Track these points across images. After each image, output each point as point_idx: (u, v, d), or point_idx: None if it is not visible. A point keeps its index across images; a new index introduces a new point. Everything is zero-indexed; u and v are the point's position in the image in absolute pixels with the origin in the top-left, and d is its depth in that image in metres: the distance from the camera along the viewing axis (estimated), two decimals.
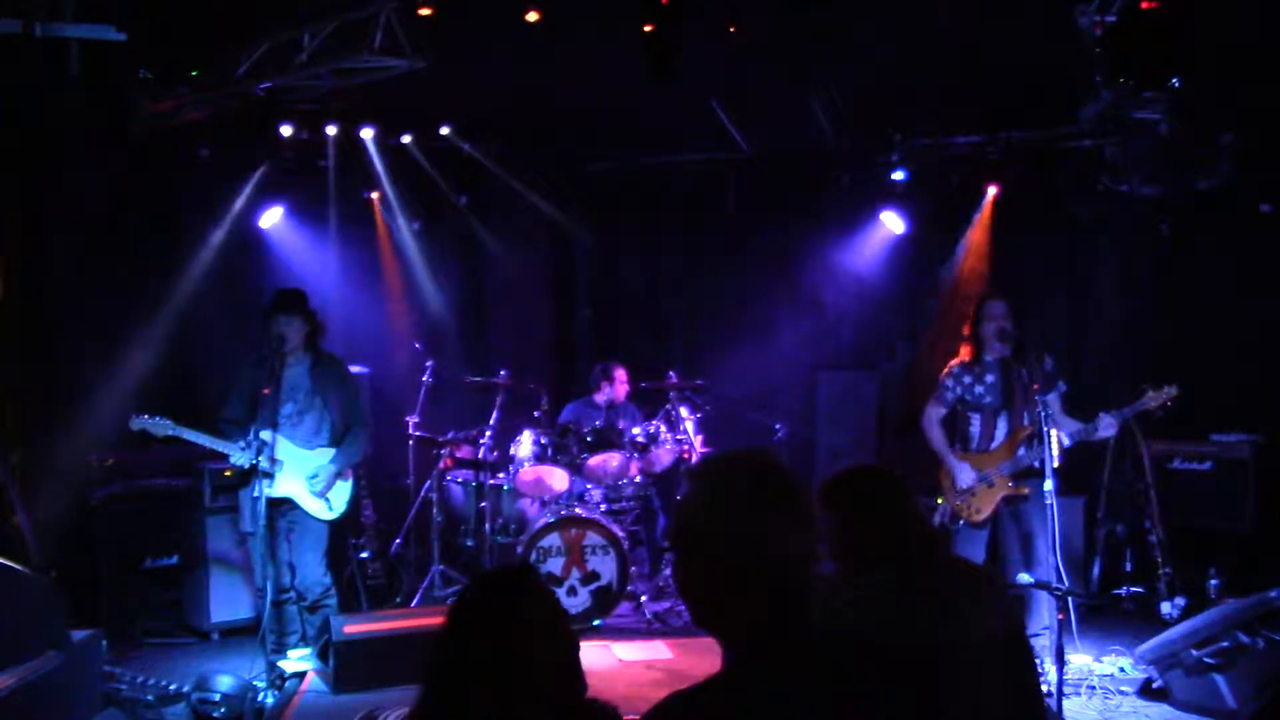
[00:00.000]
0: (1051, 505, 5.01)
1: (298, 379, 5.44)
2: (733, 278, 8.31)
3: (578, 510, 6.38)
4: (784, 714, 1.61)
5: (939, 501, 5.76)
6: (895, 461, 6.91)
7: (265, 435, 5.10)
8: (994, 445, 5.51)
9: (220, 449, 5.23)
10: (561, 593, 6.20)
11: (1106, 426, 5.28)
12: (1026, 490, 5.34)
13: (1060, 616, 4.31)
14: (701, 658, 5.64)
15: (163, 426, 5.08)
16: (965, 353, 5.63)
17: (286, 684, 5.14)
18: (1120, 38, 4.94)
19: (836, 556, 2.55)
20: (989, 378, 5.54)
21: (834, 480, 2.63)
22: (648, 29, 5.37)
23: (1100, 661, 5.36)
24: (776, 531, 1.69)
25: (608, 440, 6.72)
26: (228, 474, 5.98)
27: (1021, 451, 5.38)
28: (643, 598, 6.56)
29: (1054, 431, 5.08)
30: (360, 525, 6.40)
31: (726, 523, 1.69)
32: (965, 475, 5.49)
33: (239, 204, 6.99)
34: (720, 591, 1.71)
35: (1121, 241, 7.01)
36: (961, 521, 5.54)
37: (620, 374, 7.33)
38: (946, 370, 5.69)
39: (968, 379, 5.59)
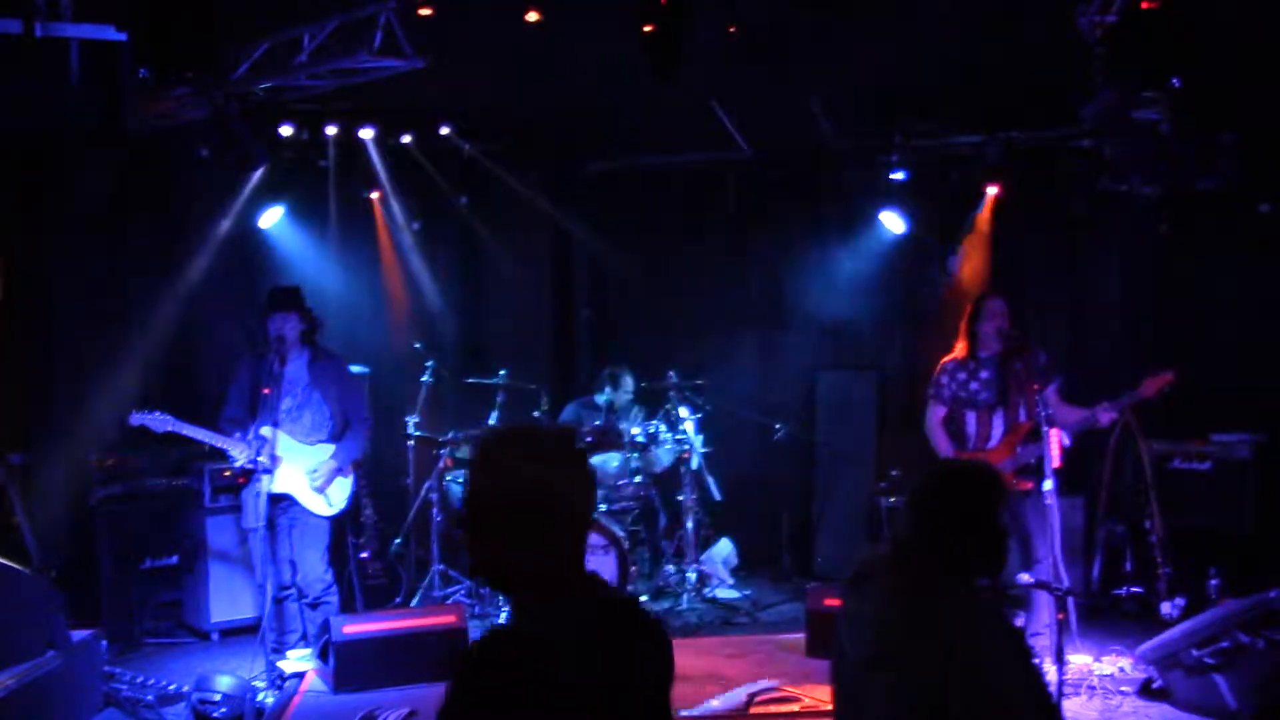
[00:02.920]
0: (1052, 505, 5.01)
1: (296, 374, 5.45)
2: (733, 277, 8.30)
3: None
4: (573, 666, 1.74)
5: None
6: (894, 462, 6.91)
7: (265, 432, 5.11)
8: (991, 444, 5.51)
9: (219, 445, 5.25)
10: None
11: (1104, 412, 5.28)
12: (1029, 485, 5.34)
13: (1060, 616, 4.31)
14: (701, 657, 5.64)
15: (162, 422, 5.09)
16: (960, 349, 5.63)
17: (286, 684, 5.14)
18: (1120, 38, 4.94)
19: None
20: (984, 374, 5.54)
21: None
22: (648, 29, 5.36)
23: (1100, 661, 5.36)
24: (567, 489, 1.85)
25: (608, 440, 6.73)
26: (227, 473, 5.98)
27: (1019, 449, 5.38)
28: (643, 598, 6.56)
29: (1054, 431, 5.08)
30: (360, 525, 6.40)
31: (522, 482, 1.83)
32: None
33: (239, 204, 6.99)
34: (515, 550, 1.83)
35: (1121, 241, 7.01)
36: None
37: (628, 383, 7.31)
38: (939, 367, 5.69)
39: (962, 375, 5.59)
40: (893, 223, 7.80)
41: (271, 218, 7.25)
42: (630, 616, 1.92)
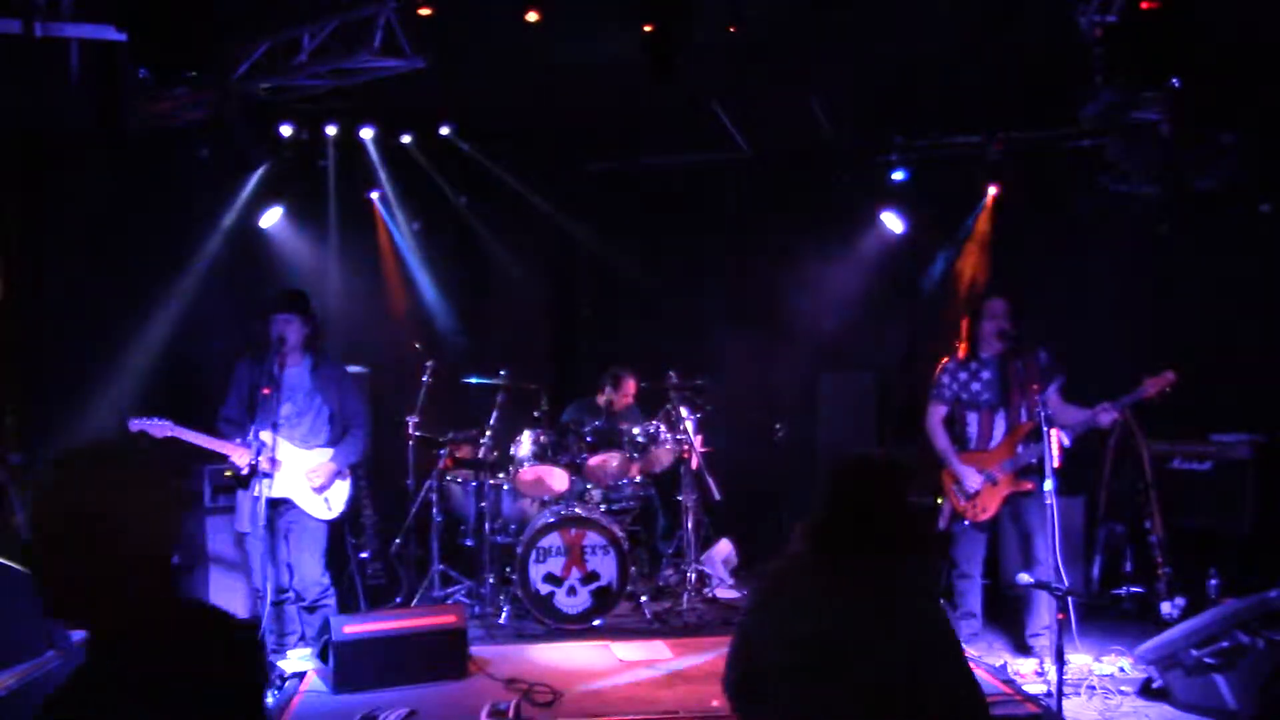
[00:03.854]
0: (1051, 505, 5.01)
1: (297, 379, 5.44)
2: (733, 277, 8.30)
3: (578, 510, 6.38)
4: (150, 685, 1.74)
5: (939, 501, 5.77)
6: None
7: (265, 436, 5.10)
8: (993, 444, 5.51)
9: (219, 449, 5.24)
10: (561, 592, 6.21)
11: (1105, 413, 5.29)
12: (1030, 485, 5.34)
13: (1060, 616, 4.31)
14: (701, 657, 5.64)
15: (162, 427, 5.08)
16: (961, 349, 5.64)
17: (286, 684, 5.14)
18: (1120, 38, 4.94)
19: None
20: (985, 374, 5.54)
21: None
22: (648, 29, 5.37)
23: (1100, 661, 5.36)
24: (138, 513, 1.80)
25: (608, 440, 6.73)
26: (227, 474, 5.98)
27: (1021, 449, 5.39)
28: (643, 598, 6.56)
29: (1054, 431, 5.08)
30: (360, 525, 6.40)
31: (87, 509, 1.76)
32: (972, 480, 5.48)
33: (239, 204, 6.99)
34: (87, 581, 1.78)
35: (1121, 241, 7.01)
36: (966, 521, 5.54)
37: (630, 386, 7.31)
38: (941, 367, 5.69)
39: (963, 375, 5.59)
40: (893, 223, 7.82)
41: (271, 218, 7.26)
42: (216, 636, 1.89)
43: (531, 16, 5.52)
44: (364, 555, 6.44)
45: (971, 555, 5.61)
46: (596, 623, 6.21)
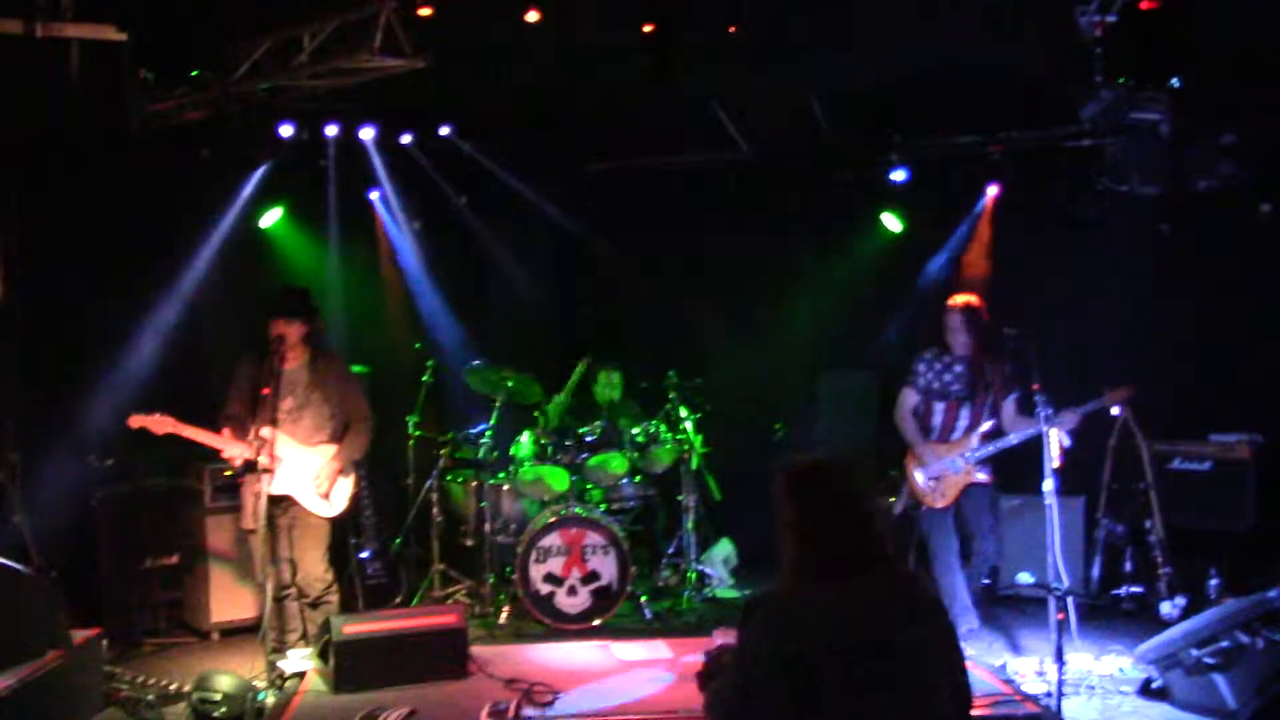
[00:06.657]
0: (1051, 505, 5.02)
1: (297, 375, 5.44)
2: (733, 278, 8.30)
3: (578, 510, 6.38)
4: None
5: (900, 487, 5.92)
6: (894, 462, 6.92)
7: (265, 433, 5.10)
8: (954, 436, 5.69)
9: (219, 446, 5.24)
10: (562, 592, 6.21)
11: (1063, 423, 5.31)
12: (987, 478, 5.60)
13: (1060, 616, 4.32)
14: (701, 657, 5.63)
15: (162, 423, 5.09)
16: (939, 344, 5.79)
17: (286, 684, 5.14)
18: (1120, 38, 4.94)
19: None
20: (957, 368, 5.73)
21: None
22: (648, 29, 5.36)
23: (1100, 661, 5.36)
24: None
25: (608, 440, 6.73)
26: (227, 473, 5.98)
27: (979, 445, 5.55)
28: (643, 598, 6.56)
29: (1054, 431, 5.11)
30: (360, 525, 6.40)
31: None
32: (934, 465, 5.67)
33: (239, 204, 6.99)
34: None
35: (1121, 241, 7.01)
36: (924, 507, 5.68)
37: (615, 379, 7.37)
38: (918, 356, 5.83)
39: (938, 366, 5.78)
40: (892, 223, 7.82)
41: (271, 218, 7.25)
42: None
43: (531, 16, 5.51)
44: (364, 555, 6.44)
45: (942, 535, 5.70)
46: (596, 623, 6.21)
